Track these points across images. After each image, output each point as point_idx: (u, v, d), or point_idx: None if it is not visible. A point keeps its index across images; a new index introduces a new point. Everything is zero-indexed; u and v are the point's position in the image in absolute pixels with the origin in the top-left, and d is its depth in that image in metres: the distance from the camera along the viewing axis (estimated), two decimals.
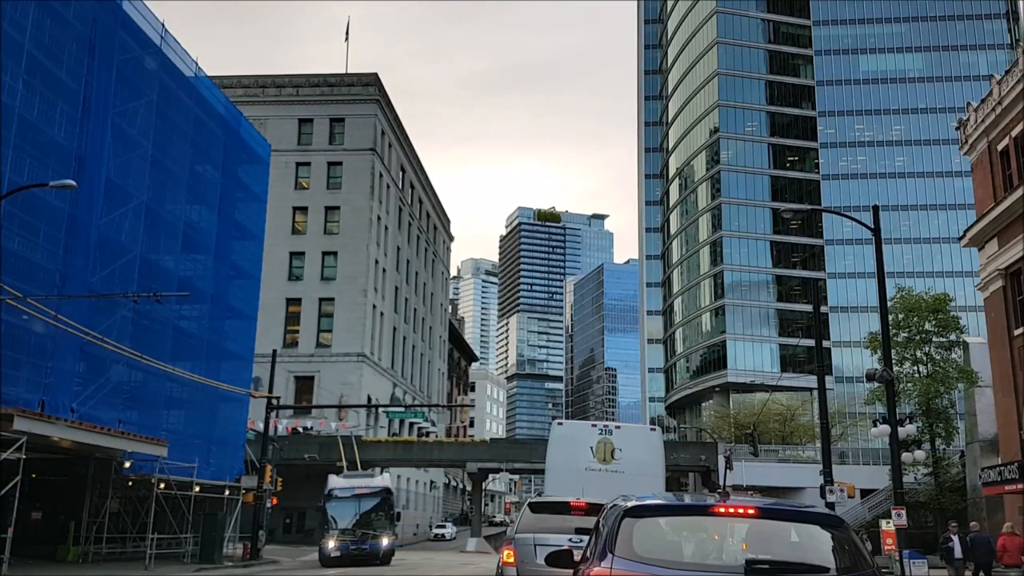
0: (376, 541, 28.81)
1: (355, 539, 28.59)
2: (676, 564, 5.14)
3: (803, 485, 45.21)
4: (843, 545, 5.26)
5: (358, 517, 29.26)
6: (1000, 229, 28.39)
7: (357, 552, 28.44)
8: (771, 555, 5.11)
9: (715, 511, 5.36)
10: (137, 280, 26.32)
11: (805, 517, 5.50)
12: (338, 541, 28.46)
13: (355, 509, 29.39)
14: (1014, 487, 26.52)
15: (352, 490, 29.88)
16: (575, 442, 19.87)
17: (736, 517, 5.35)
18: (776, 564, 5.03)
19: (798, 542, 5.37)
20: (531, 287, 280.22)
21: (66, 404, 22.72)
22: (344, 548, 28.40)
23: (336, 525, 28.99)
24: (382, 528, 29.28)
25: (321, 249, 60.15)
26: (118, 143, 26.28)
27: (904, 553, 21.07)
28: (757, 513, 5.36)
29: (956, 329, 36.71)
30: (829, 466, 25.56)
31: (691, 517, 5.71)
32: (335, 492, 29.82)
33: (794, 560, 5.15)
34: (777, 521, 5.49)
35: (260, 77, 64.26)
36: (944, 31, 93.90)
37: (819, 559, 5.15)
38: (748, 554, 5.09)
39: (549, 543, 11.44)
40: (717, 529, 5.49)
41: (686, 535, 5.55)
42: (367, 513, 29.58)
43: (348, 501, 29.52)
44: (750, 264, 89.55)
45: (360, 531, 28.74)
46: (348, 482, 30.67)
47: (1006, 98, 28.17)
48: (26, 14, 22.40)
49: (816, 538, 5.32)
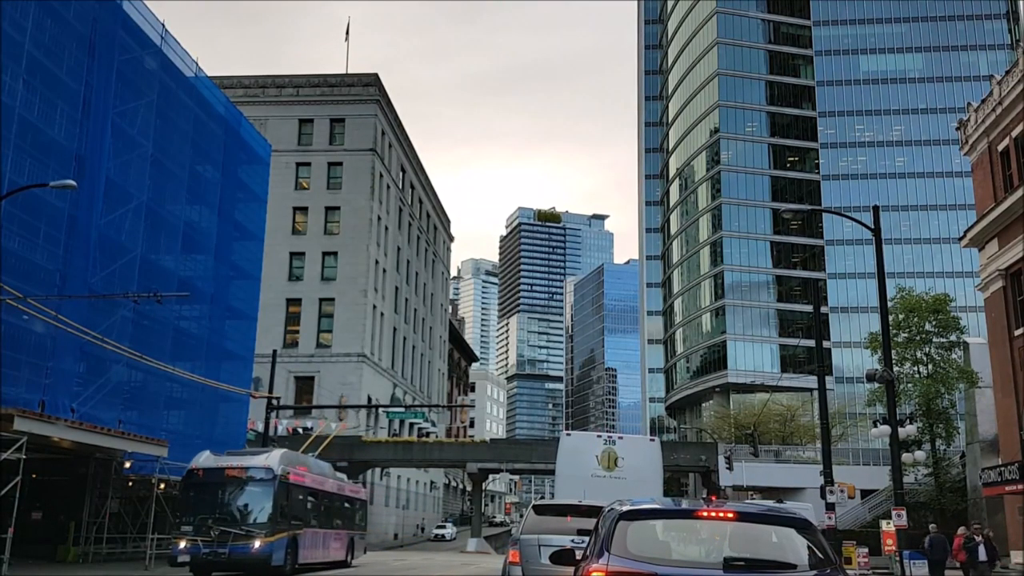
0: (245, 544, 20.34)
1: (210, 540, 20.31)
2: (665, 561, 5.78)
3: (803, 485, 45.19)
4: (814, 545, 5.91)
5: (223, 508, 21.16)
6: (1000, 229, 28.39)
7: (212, 557, 20.29)
8: (749, 554, 5.72)
9: (699, 515, 6.11)
10: (137, 280, 26.33)
11: (776, 520, 6.14)
12: (189, 541, 20.37)
13: (220, 497, 21.35)
14: (1014, 487, 26.52)
15: (221, 471, 21.50)
16: (581, 451, 21.67)
17: (718, 520, 6.03)
18: (751, 561, 5.65)
19: (776, 543, 5.98)
20: (531, 287, 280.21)
21: (66, 404, 22.73)
22: (195, 551, 20.30)
23: (191, 518, 20.95)
24: (259, 526, 20.77)
25: (321, 249, 60.16)
26: (118, 143, 26.28)
27: (904, 554, 21.10)
28: (736, 517, 6.02)
29: (956, 329, 36.71)
30: (829, 466, 25.57)
31: (679, 520, 6.41)
32: (196, 471, 21.67)
33: (768, 558, 5.78)
34: (753, 524, 6.09)
35: (260, 77, 64.27)
36: (944, 31, 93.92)
37: (792, 558, 5.80)
38: (728, 551, 5.71)
39: (552, 543, 12.15)
40: (704, 531, 6.16)
41: (675, 536, 6.22)
42: (238, 503, 21.43)
43: (211, 486, 21.37)
44: (750, 264, 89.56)
45: (220, 528, 20.44)
46: (219, 459, 22.11)
47: (1006, 98, 28.18)
48: (26, 14, 22.42)
49: (792, 539, 5.97)
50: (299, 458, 24.48)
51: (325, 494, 25.44)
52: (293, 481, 22.36)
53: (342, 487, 28.17)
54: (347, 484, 29.72)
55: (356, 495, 29.78)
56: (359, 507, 29.78)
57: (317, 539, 24.17)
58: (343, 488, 28.28)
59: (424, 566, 31.01)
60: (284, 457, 22.42)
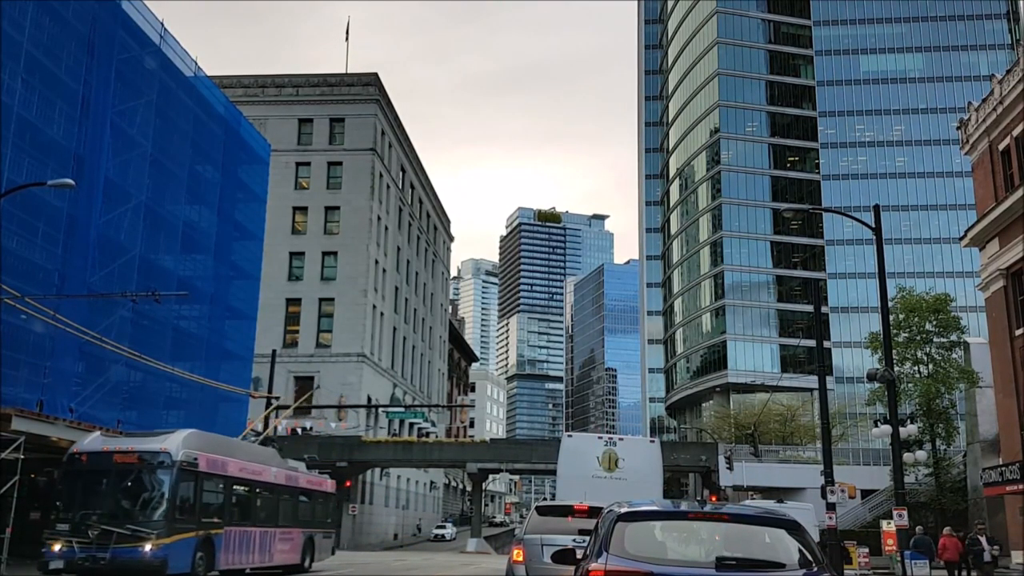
0: (133, 547, 16.58)
1: (87, 542, 16.63)
2: (661, 561, 6.02)
3: (804, 485, 45.15)
4: (803, 546, 6.14)
5: (109, 503, 17.37)
6: (1001, 229, 28.36)
7: (90, 564, 16.57)
8: (741, 553, 5.95)
9: (693, 516, 6.40)
10: (136, 280, 26.26)
11: (768, 522, 6.38)
12: (64, 543, 16.72)
13: (106, 488, 17.50)
14: (1015, 487, 26.47)
15: (108, 456, 17.63)
16: (583, 453, 21.90)
17: (711, 521, 6.34)
18: (742, 560, 5.88)
19: (768, 543, 6.20)
20: (531, 287, 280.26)
21: (65, 404, 22.68)
22: (71, 555, 16.64)
23: (69, 515, 17.15)
24: (152, 525, 16.96)
25: (321, 249, 60.17)
26: (117, 143, 26.22)
27: (905, 554, 21.07)
28: (729, 518, 6.34)
29: (957, 329, 36.69)
30: (830, 466, 25.51)
31: (674, 521, 6.67)
32: (79, 456, 17.81)
33: (759, 557, 6.00)
34: (745, 525, 6.35)
35: (260, 77, 64.27)
36: (944, 31, 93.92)
37: (782, 557, 6.03)
38: (722, 551, 5.94)
39: (555, 543, 12.45)
40: (699, 531, 6.38)
41: (671, 536, 6.46)
42: (127, 496, 17.57)
43: (95, 474, 17.56)
44: (750, 264, 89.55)
45: (102, 528, 16.71)
46: (108, 442, 18.29)
47: (1007, 98, 28.15)
48: (25, 13, 22.37)
49: (782, 540, 6.20)
50: (220, 441, 20.80)
51: (264, 486, 21.83)
52: (205, 469, 18.41)
53: (294, 478, 24.48)
54: (304, 474, 26.72)
55: (318, 487, 26.24)
56: (323, 501, 26.42)
57: (249, 540, 20.61)
58: (296, 479, 24.54)
59: (424, 566, 30.94)
60: (190, 439, 18.39)
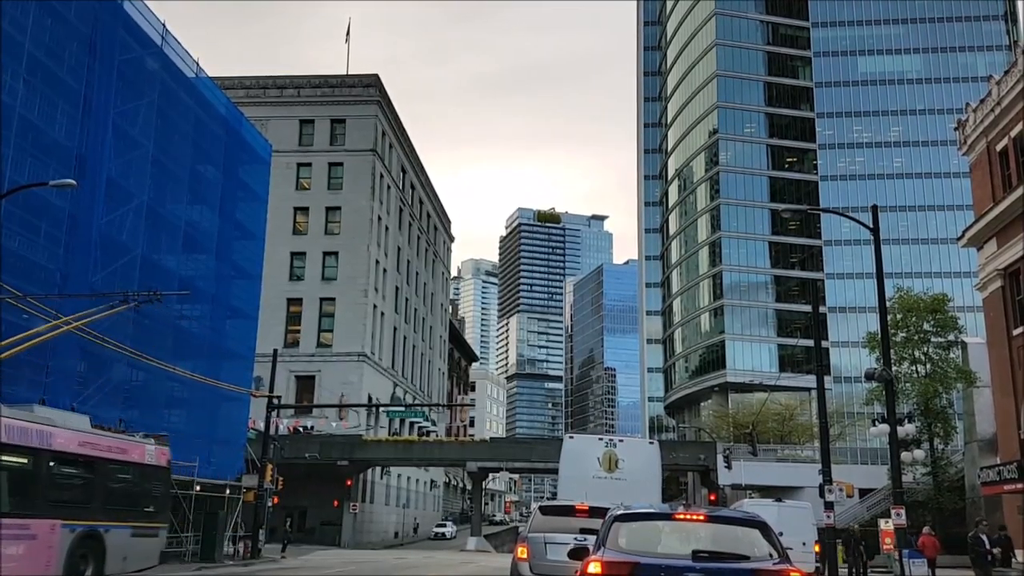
0: None
1: None
2: (648, 553, 7.27)
3: (802, 484, 45.28)
4: (769, 542, 7.34)
5: None
6: (999, 229, 28.48)
7: None
8: (714, 547, 7.20)
9: (676, 517, 7.70)
10: (138, 279, 26.29)
11: (739, 522, 7.76)
12: None
13: None
14: (1013, 487, 26.60)
15: None
16: (583, 454, 22.20)
17: (691, 522, 7.57)
18: (713, 553, 7.10)
19: (739, 539, 7.46)
20: (531, 287, 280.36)
21: (67, 403, 22.72)
22: None
23: None
24: None
25: (322, 249, 60.27)
26: (119, 143, 26.30)
27: (904, 553, 21.16)
28: (705, 518, 7.63)
29: (955, 329, 36.84)
30: (828, 465, 25.59)
31: (661, 521, 7.92)
32: None
33: (728, 551, 7.20)
34: (720, 524, 7.68)
35: (261, 78, 64.37)
36: (942, 33, 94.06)
37: (747, 551, 7.23)
38: (699, 546, 7.11)
39: (557, 541, 13.29)
40: (683, 530, 7.57)
41: (660, 534, 7.70)
42: None
43: None
44: (749, 264, 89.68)
45: None
46: None
47: (1005, 99, 28.28)
48: (27, 13, 22.43)
49: (751, 536, 7.46)
50: None
51: None
52: None
53: (46, 434, 15.68)
54: (88, 435, 17.56)
55: (121, 456, 17.90)
56: (134, 479, 18.34)
57: None
58: (49, 436, 15.73)
59: (424, 564, 31.05)
60: None
